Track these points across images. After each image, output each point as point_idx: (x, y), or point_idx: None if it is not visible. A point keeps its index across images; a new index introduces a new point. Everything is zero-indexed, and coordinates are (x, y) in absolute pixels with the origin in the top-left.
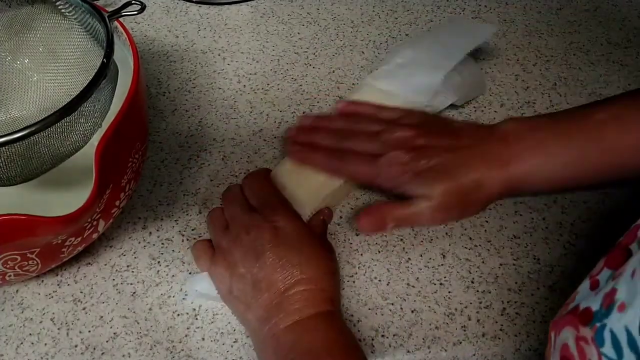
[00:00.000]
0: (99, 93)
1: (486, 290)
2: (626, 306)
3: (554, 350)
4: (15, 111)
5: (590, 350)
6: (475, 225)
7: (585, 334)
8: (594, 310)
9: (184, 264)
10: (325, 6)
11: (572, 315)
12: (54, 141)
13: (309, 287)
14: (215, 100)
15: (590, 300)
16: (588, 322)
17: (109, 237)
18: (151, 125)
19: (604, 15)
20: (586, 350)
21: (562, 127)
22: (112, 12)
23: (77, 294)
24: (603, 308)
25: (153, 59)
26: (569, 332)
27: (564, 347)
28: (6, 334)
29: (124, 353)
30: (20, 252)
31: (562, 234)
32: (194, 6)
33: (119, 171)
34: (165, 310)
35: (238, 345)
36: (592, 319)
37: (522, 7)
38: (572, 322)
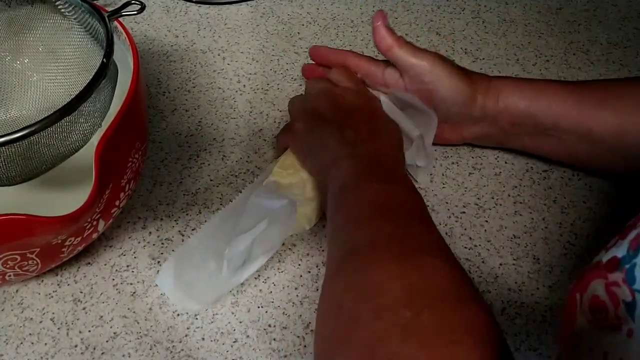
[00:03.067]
0: (99, 93)
1: (486, 290)
2: None
3: (581, 308)
4: (15, 111)
5: (621, 291)
6: (475, 225)
7: (616, 278)
8: (620, 257)
9: None
10: (325, 6)
11: (597, 268)
12: (54, 141)
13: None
14: (215, 100)
15: (612, 251)
16: (616, 267)
17: (109, 237)
18: (151, 125)
19: (604, 15)
20: (617, 293)
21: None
22: (112, 12)
23: (77, 294)
24: (631, 251)
25: (153, 58)
26: (598, 283)
27: (593, 298)
28: (6, 334)
29: (123, 353)
30: (20, 252)
31: (562, 234)
32: (193, 6)
33: (119, 171)
34: (165, 310)
35: (238, 345)
36: (619, 264)
37: (522, 7)
38: (599, 274)
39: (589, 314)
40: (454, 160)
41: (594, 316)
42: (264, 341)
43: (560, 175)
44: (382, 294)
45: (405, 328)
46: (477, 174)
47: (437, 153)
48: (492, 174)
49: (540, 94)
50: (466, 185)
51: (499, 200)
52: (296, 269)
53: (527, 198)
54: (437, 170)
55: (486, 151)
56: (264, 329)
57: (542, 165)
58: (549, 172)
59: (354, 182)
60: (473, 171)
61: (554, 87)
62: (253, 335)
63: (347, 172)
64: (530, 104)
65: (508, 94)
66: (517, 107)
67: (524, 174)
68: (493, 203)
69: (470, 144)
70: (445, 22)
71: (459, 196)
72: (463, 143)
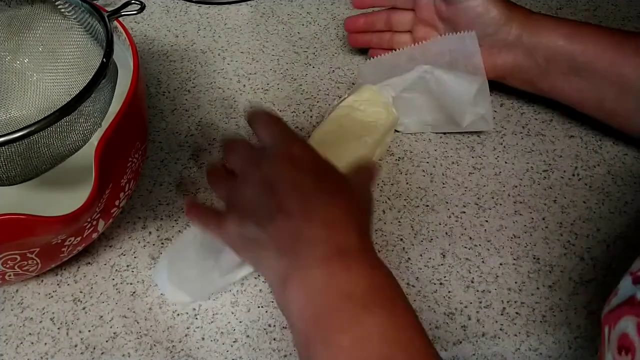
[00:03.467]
0: (99, 93)
1: (486, 290)
2: None
3: (609, 343)
4: (15, 111)
5: None
6: (475, 225)
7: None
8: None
9: None
10: (325, 6)
11: (629, 306)
12: (54, 141)
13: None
14: (215, 99)
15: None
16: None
17: (109, 236)
18: (151, 125)
19: (604, 15)
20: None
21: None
22: (112, 12)
23: (77, 294)
24: None
25: (153, 58)
26: (629, 320)
27: (622, 337)
28: (6, 334)
29: (123, 353)
30: (20, 252)
31: (562, 234)
32: (193, 6)
33: (119, 171)
34: (165, 310)
35: (238, 345)
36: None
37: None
38: (631, 311)
39: (616, 353)
40: (454, 160)
41: (620, 355)
42: (264, 341)
43: (560, 175)
44: None
45: None
46: (477, 174)
47: (437, 153)
48: (492, 174)
49: (579, 33)
50: (466, 185)
51: (499, 200)
52: None
53: (527, 198)
54: (437, 170)
55: (486, 151)
56: (264, 329)
57: (542, 165)
58: (549, 172)
59: (320, 347)
60: (473, 171)
61: (594, 30)
62: (253, 335)
63: (304, 319)
64: (568, 42)
65: (546, 29)
66: (556, 43)
67: (524, 174)
68: (493, 203)
69: (471, 145)
70: None
71: (459, 196)
72: (495, 77)
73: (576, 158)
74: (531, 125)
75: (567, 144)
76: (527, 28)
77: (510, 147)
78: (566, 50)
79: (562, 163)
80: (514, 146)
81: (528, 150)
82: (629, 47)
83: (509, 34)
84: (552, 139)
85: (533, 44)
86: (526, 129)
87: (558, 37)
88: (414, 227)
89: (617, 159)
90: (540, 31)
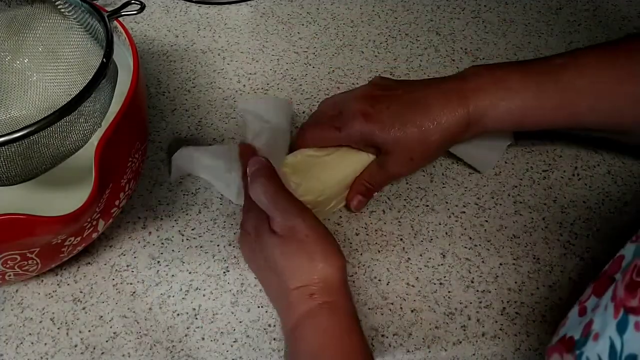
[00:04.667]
0: (99, 93)
1: (486, 290)
2: (599, 336)
3: None
4: (15, 111)
5: None
6: (475, 225)
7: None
8: (575, 339)
9: (183, 263)
10: (325, 6)
11: (560, 343)
12: (54, 141)
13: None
14: (215, 99)
15: (573, 329)
16: (571, 349)
17: (109, 236)
18: (151, 125)
19: (604, 15)
20: None
21: (520, 67)
22: (112, 12)
23: (77, 294)
24: (582, 337)
25: (153, 58)
26: (556, 358)
27: None
28: (6, 334)
29: (123, 353)
30: (20, 252)
31: (562, 234)
32: (193, 6)
33: (119, 171)
34: (165, 310)
35: (238, 345)
36: (574, 346)
37: (522, 7)
38: (559, 350)
39: None
40: (454, 160)
41: None
42: (264, 341)
43: (560, 175)
44: None
45: None
46: (477, 174)
47: None
48: (492, 174)
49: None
50: (466, 185)
51: (499, 200)
52: None
53: (527, 198)
54: (437, 170)
55: None
56: (264, 329)
57: (542, 165)
58: (549, 172)
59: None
60: (473, 171)
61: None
62: (253, 335)
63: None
64: (505, 119)
65: (485, 122)
66: (495, 125)
67: (524, 174)
68: (493, 203)
69: None
70: (445, 22)
71: (458, 196)
72: None
73: (576, 158)
74: None
75: (567, 143)
76: (474, 125)
77: (510, 147)
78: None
79: (562, 163)
80: (514, 146)
81: (528, 150)
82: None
83: (466, 136)
84: (552, 139)
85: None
86: None
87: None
88: (414, 227)
89: (617, 159)
90: (488, 120)
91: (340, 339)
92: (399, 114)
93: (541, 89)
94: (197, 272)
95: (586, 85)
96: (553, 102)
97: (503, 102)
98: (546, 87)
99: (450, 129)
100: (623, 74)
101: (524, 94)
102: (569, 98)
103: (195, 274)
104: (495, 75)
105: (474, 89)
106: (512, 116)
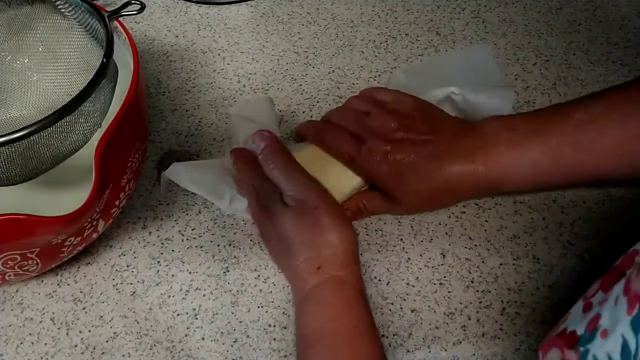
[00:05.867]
0: (99, 93)
1: (486, 290)
2: (608, 333)
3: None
4: (15, 111)
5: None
6: (475, 225)
7: (570, 357)
8: (579, 334)
9: (183, 263)
10: (325, 6)
11: (560, 337)
12: (54, 141)
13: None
14: (215, 99)
15: (576, 323)
16: (573, 345)
17: (109, 236)
18: (151, 125)
19: (604, 15)
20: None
21: (539, 128)
22: (112, 12)
23: (77, 294)
24: (587, 332)
25: (153, 58)
26: (555, 353)
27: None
28: (6, 334)
29: (124, 353)
30: (20, 252)
31: (562, 234)
32: (193, 6)
33: (119, 171)
34: (165, 310)
35: (238, 345)
36: (577, 342)
37: (522, 7)
38: (559, 344)
39: None
40: None
41: None
42: (264, 341)
43: None
44: None
45: None
46: None
47: None
48: None
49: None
50: None
51: (499, 200)
52: None
53: (527, 198)
54: None
55: None
56: (264, 329)
57: None
58: None
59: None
60: None
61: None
62: (253, 335)
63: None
64: (519, 185)
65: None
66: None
67: None
68: (493, 203)
69: None
70: (445, 22)
71: None
72: None
73: None
74: None
75: None
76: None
77: None
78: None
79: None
80: None
81: None
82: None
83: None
84: None
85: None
86: None
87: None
88: (414, 227)
89: None
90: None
91: (343, 313)
92: (413, 169)
93: (560, 154)
94: (197, 272)
95: (609, 148)
96: (573, 169)
97: (520, 172)
98: (565, 154)
99: (461, 194)
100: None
101: (541, 159)
102: (590, 162)
103: (195, 274)
104: (514, 140)
105: (491, 155)
106: (529, 183)
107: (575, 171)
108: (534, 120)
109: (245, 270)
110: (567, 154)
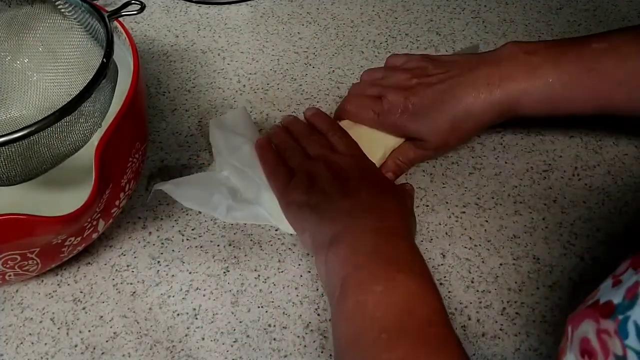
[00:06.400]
0: (99, 93)
1: (486, 290)
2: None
3: (571, 344)
4: (15, 111)
5: (613, 342)
6: (475, 225)
7: (608, 327)
8: (615, 303)
9: (183, 263)
10: (325, 6)
11: (592, 308)
12: (54, 141)
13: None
14: (215, 100)
15: (610, 294)
16: (610, 314)
17: (109, 236)
18: (151, 125)
19: (604, 15)
20: (609, 343)
21: (558, 52)
22: (112, 12)
23: (77, 294)
24: (626, 300)
25: (153, 58)
26: (589, 324)
27: (583, 340)
28: (6, 334)
29: (124, 353)
30: (20, 252)
31: (562, 234)
32: (193, 6)
33: (119, 171)
34: (165, 310)
35: (238, 345)
36: (613, 311)
37: (522, 7)
38: (592, 315)
39: (578, 355)
40: (454, 160)
41: (583, 358)
42: (264, 341)
43: (561, 175)
44: None
45: None
46: (477, 174)
47: None
48: (492, 174)
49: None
50: (466, 185)
51: (499, 200)
52: (296, 269)
53: (527, 198)
54: (437, 170)
55: (486, 151)
56: (264, 329)
57: (542, 165)
58: (549, 172)
59: (354, 287)
60: (473, 171)
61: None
62: (253, 335)
63: (346, 266)
64: (535, 107)
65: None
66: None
67: (524, 174)
68: (493, 203)
69: (471, 145)
70: (445, 22)
71: (459, 196)
72: None
73: (576, 158)
74: (531, 125)
75: (567, 144)
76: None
77: (510, 147)
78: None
79: (562, 163)
80: (514, 146)
81: (528, 150)
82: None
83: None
84: (552, 139)
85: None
86: (526, 129)
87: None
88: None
89: (617, 159)
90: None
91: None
92: (432, 106)
93: (575, 80)
94: (197, 272)
95: (623, 77)
96: (587, 94)
97: (535, 93)
98: (581, 78)
99: (482, 117)
100: None
101: (557, 85)
102: (604, 89)
103: (195, 274)
104: (530, 62)
105: (507, 77)
106: (544, 105)
107: (588, 97)
108: (553, 45)
109: (245, 270)
110: (584, 78)
